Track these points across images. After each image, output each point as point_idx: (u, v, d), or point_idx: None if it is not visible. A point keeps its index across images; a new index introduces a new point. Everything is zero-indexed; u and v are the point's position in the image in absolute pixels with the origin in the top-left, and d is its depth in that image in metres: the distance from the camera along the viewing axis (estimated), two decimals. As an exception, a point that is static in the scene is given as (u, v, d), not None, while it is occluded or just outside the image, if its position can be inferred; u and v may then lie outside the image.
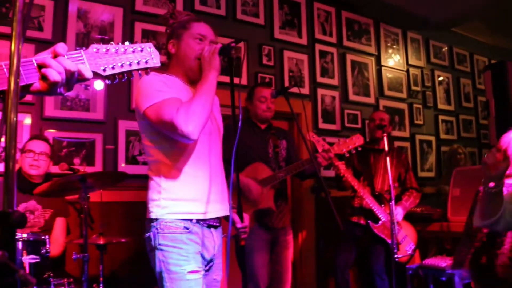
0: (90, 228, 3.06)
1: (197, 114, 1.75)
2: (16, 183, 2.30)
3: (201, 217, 1.89)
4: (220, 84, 4.05)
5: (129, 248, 3.33)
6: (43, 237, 2.42)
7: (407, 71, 5.75)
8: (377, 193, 3.80)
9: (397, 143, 5.29)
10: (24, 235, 2.35)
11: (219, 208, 1.96)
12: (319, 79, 4.87)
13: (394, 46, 5.70)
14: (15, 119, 0.75)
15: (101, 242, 2.68)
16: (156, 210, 1.88)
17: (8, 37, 3.36)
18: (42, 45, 3.43)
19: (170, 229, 1.84)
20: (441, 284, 3.51)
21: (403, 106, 5.59)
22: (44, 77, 1.05)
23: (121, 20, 3.75)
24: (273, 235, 3.26)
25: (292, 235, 3.42)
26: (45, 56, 1.09)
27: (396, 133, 5.39)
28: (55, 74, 1.03)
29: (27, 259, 2.29)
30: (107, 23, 3.71)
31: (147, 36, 3.82)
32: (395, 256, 3.21)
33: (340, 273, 3.87)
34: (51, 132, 3.35)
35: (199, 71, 1.94)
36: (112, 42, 1.23)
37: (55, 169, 3.14)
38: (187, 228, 1.85)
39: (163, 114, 1.77)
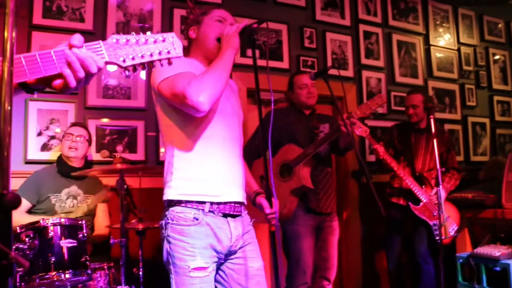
0: (133, 214, 3.11)
1: (209, 86, 1.71)
2: (57, 169, 2.35)
3: (213, 199, 1.82)
4: (260, 69, 4.00)
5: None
6: (80, 222, 2.47)
7: (458, 50, 5.45)
8: (417, 173, 3.68)
9: (447, 126, 5.06)
10: (63, 220, 2.41)
11: (234, 192, 1.89)
12: (364, 61, 4.71)
13: (444, 24, 5.41)
14: (9, 108, 0.73)
15: (140, 227, 2.71)
16: (167, 191, 1.86)
17: (52, 29, 3.46)
18: (84, 35, 3.49)
19: (179, 221, 1.79)
20: (495, 275, 3.32)
21: (454, 87, 5.32)
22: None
23: (160, 8, 3.76)
24: (319, 221, 3.19)
25: (338, 220, 3.34)
26: (63, 47, 1.08)
27: (446, 115, 5.15)
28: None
29: (65, 243, 2.35)
30: (146, 11, 3.73)
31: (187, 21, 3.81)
32: (437, 237, 3.10)
33: (392, 265, 3.81)
34: (94, 121, 3.42)
35: (217, 52, 1.89)
36: (142, 32, 1.20)
37: (97, 157, 3.21)
38: (197, 219, 1.79)
39: (175, 86, 1.74)
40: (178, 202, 1.82)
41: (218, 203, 1.84)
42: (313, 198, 3.13)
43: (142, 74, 3.60)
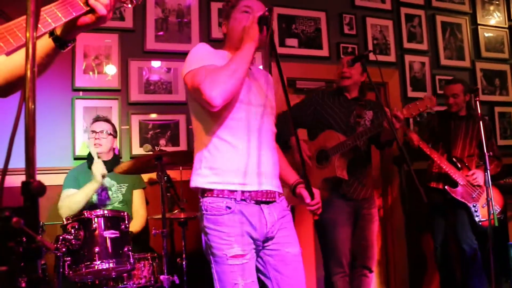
0: (177, 206, 3.18)
1: (223, 81, 1.72)
2: (88, 166, 2.43)
3: (241, 188, 1.82)
4: (299, 58, 3.95)
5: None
6: (122, 214, 2.55)
7: (510, 28, 5.18)
8: (454, 158, 3.60)
9: (498, 109, 4.84)
10: (105, 212, 2.49)
11: (264, 182, 1.87)
12: (406, 45, 4.57)
13: (493, 1, 5.16)
14: (32, 106, 0.76)
15: (182, 217, 2.75)
16: (195, 178, 1.88)
17: (94, 30, 3.56)
18: (124, 33, 3.59)
19: (212, 211, 1.81)
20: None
21: (505, 67, 5.07)
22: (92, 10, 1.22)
23: (197, 2, 3.79)
24: (355, 207, 3.12)
25: (377, 208, 3.27)
26: None
27: (496, 97, 4.93)
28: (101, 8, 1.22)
29: (108, 234, 2.43)
30: (184, 6, 3.77)
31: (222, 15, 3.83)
32: (479, 220, 3.04)
33: (439, 249, 3.73)
34: (137, 116, 3.51)
35: None
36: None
37: (139, 151, 3.29)
38: (230, 208, 1.80)
39: (195, 79, 1.77)
40: (208, 191, 1.84)
41: (250, 191, 1.84)
42: (345, 186, 3.08)
43: (180, 65, 3.65)
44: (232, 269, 1.76)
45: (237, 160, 1.84)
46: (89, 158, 3.08)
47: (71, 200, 2.82)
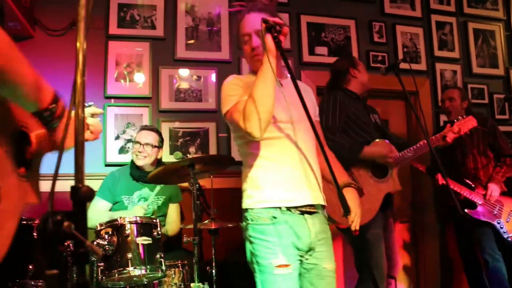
0: (206, 214, 3.18)
1: (254, 113, 1.76)
2: (129, 172, 2.47)
3: (287, 204, 1.85)
4: (329, 66, 3.92)
5: (240, 233, 3.39)
6: (154, 220, 2.56)
7: (544, 35, 5.06)
8: (466, 180, 3.46)
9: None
10: (138, 218, 2.50)
11: (308, 196, 1.88)
12: (437, 52, 4.50)
13: (527, 9, 5.05)
14: (82, 114, 0.78)
15: (213, 227, 2.75)
16: (245, 200, 1.93)
17: (126, 38, 3.62)
18: (155, 42, 3.64)
19: (259, 220, 1.84)
20: None
21: (541, 75, 4.94)
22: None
23: (227, 11, 3.82)
24: (385, 218, 3.07)
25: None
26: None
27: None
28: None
29: (141, 241, 2.44)
30: (214, 15, 3.80)
31: (252, 23, 3.85)
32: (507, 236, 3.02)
33: (473, 273, 3.62)
34: (167, 123, 3.54)
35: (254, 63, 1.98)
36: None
37: (170, 158, 3.31)
38: (275, 217, 1.82)
39: (233, 119, 1.86)
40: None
41: (295, 206, 1.87)
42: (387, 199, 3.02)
43: (213, 77, 3.68)
44: (277, 278, 1.77)
45: (282, 178, 1.88)
46: (132, 166, 3.11)
47: (100, 217, 2.81)
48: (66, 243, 0.74)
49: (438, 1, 4.60)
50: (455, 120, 2.98)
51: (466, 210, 3.39)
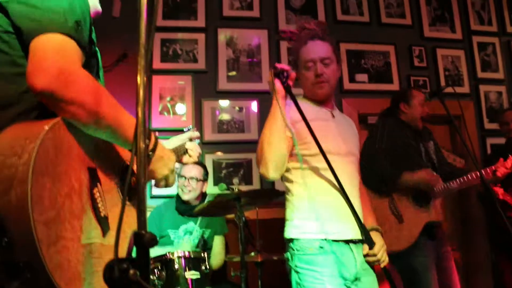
0: (251, 245, 3.16)
1: (264, 158, 1.84)
2: (175, 206, 2.51)
3: (333, 237, 1.85)
4: (370, 93, 3.89)
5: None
6: (202, 255, 2.57)
7: None
8: None
9: None
10: (186, 253, 2.52)
11: (353, 229, 1.88)
12: (480, 74, 4.41)
13: None
14: (143, 145, 0.82)
15: (259, 259, 2.74)
16: (289, 229, 1.93)
17: (169, 72, 3.72)
18: (197, 75, 3.71)
19: (305, 250, 1.84)
20: None
21: None
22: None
23: (267, 41, 3.87)
24: (436, 247, 2.99)
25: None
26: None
27: None
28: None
29: (189, 275, 2.45)
30: (254, 46, 3.86)
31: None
32: None
33: None
34: (211, 155, 3.58)
35: (312, 87, 2.04)
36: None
37: (214, 190, 3.33)
38: (322, 248, 1.83)
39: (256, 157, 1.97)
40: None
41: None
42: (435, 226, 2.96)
43: (254, 106, 3.72)
44: None
45: (326, 210, 1.88)
46: (178, 200, 3.14)
47: None
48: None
49: (479, 22, 4.53)
50: (510, 155, 2.90)
51: None
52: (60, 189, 1.00)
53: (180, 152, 1.65)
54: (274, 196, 2.82)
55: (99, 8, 1.27)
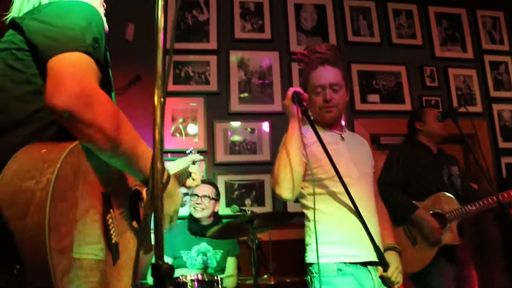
0: (264, 267, 3.14)
1: (280, 179, 1.89)
2: (188, 227, 2.49)
3: (352, 260, 1.87)
4: (382, 113, 3.88)
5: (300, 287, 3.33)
6: (216, 278, 2.55)
7: None
8: None
9: None
10: (199, 276, 2.50)
11: (372, 251, 1.86)
12: (493, 93, 4.38)
13: None
14: (161, 166, 0.82)
15: (272, 282, 2.71)
16: (309, 254, 1.95)
17: (181, 94, 3.74)
18: (209, 96, 3.74)
19: (325, 273, 1.86)
20: None
21: None
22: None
23: (278, 63, 3.90)
24: (457, 270, 2.95)
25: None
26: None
27: None
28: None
29: (203, 299, 2.44)
30: (266, 68, 3.89)
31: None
32: None
33: None
34: (223, 176, 3.58)
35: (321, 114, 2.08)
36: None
37: (227, 211, 3.32)
38: (341, 270, 1.85)
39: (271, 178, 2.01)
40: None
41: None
42: (454, 250, 2.93)
43: (266, 128, 3.72)
44: None
45: (345, 234, 1.90)
46: (190, 220, 3.14)
47: None
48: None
49: (490, 41, 4.53)
50: None
51: None
52: (76, 216, 0.98)
53: (184, 176, 1.64)
54: (287, 219, 2.81)
55: (106, 27, 1.28)
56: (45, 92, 0.98)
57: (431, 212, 2.91)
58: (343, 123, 2.22)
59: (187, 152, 1.91)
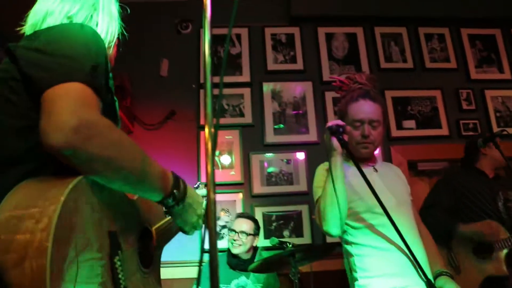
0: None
1: (327, 217, 1.85)
2: (226, 261, 2.48)
3: None
4: (418, 139, 3.82)
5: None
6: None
7: None
8: None
9: None
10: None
11: (420, 280, 1.83)
12: (534, 114, 4.27)
13: None
14: (213, 196, 0.85)
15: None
16: None
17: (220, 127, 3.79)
18: (245, 128, 3.78)
19: None
20: None
21: None
22: None
23: (311, 93, 3.92)
24: None
25: None
26: None
27: None
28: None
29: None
30: (300, 98, 3.91)
31: (338, 103, 3.90)
32: None
33: None
34: (260, 208, 3.58)
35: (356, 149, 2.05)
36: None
37: (264, 243, 3.31)
38: None
39: (316, 214, 1.95)
40: None
41: None
42: (499, 282, 2.82)
43: (302, 158, 3.72)
44: None
45: (390, 266, 1.85)
46: (229, 254, 3.14)
47: None
48: None
49: (527, 61, 4.44)
50: None
51: None
52: (81, 260, 0.88)
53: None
54: (329, 250, 2.80)
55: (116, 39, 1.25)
56: (39, 129, 0.89)
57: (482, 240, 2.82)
58: (376, 152, 2.19)
59: (195, 186, 1.91)
